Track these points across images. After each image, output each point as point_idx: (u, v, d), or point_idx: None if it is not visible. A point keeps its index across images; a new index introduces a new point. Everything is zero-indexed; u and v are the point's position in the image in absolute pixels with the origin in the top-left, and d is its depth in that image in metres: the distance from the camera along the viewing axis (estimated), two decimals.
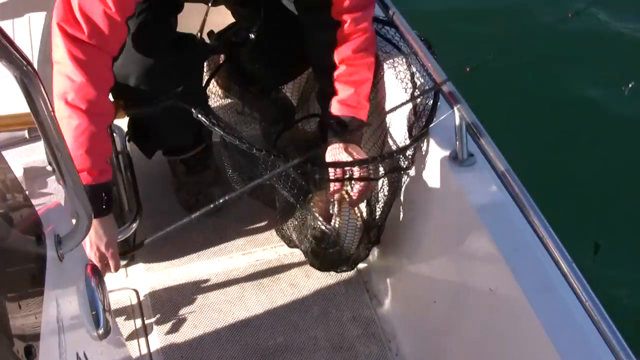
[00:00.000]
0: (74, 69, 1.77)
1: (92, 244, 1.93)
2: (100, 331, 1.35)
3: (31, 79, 0.97)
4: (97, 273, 1.44)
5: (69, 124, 1.80)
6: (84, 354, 1.26)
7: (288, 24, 2.25)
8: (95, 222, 1.84)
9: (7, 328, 0.91)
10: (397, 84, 2.14)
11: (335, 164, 2.00)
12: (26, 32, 2.25)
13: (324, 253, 2.21)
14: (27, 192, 1.22)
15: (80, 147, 1.82)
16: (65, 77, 1.79)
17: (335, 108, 2.05)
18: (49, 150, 1.09)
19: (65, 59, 1.77)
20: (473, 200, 1.79)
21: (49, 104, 1.02)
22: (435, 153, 1.96)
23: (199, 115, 1.91)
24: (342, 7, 1.99)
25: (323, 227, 2.15)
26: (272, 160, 1.89)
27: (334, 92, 2.07)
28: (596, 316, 1.42)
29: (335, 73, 2.06)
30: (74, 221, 1.27)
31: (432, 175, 1.98)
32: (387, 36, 2.25)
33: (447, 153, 1.92)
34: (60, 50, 1.78)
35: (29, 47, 2.22)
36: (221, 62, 2.45)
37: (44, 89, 1.00)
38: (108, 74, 1.86)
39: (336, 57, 2.05)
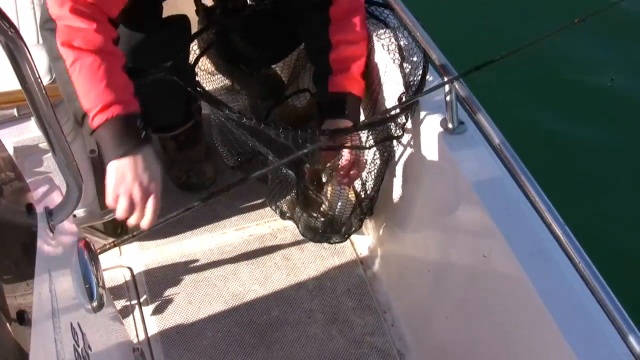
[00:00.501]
0: (76, 18, 1.69)
1: (134, 178, 1.69)
2: (94, 304, 1.35)
3: (17, 44, 0.96)
4: (90, 247, 1.43)
5: (82, 65, 1.68)
6: (78, 324, 1.26)
7: (277, 3, 2.24)
8: (134, 157, 1.69)
9: (1, 293, 0.91)
10: (385, 56, 2.13)
11: (330, 132, 1.99)
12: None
13: (315, 222, 2.21)
14: (17, 166, 1.21)
15: (100, 82, 1.68)
16: (67, 27, 1.69)
17: (331, 86, 2.05)
18: (37, 118, 1.08)
19: (65, 13, 1.69)
20: (464, 168, 1.79)
21: (35, 70, 1.01)
22: (426, 122, 1.95)
23: (188, 89, 1.89)
24: None
25: (314, 196, 2.14)
26: (263, 128, 1.87)
27: (329, 71, 2.06)
28: (590, 279, 1.42)
29: (330, 52, 2.05)
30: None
31: (423, 144, 1.97)
32: (375, 13, 2.23)
33: (437, 122, 1.91)
34: (58, 7, 1.69)
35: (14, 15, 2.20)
36: (211, 39, 2.44)
37: (30, 55, 0.99)
38: (110, 27, 1.77)
39: (330, 36, 2.05)
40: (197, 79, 2.28)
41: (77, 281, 1.35)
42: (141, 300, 2.25)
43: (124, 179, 1.68)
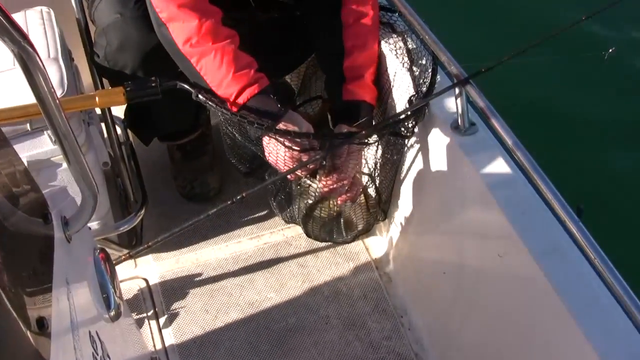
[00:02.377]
0: (182, 14, 1.83)
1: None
2: (112, 313, 1.36)
3: (30, 56, 0.97)
4: (107, 257, 1.44)
5: (206, 63, 1.86)
6: (97, 333, 1.26)
7: (284, 13, 2.26)
8: (282, 122, 1.89)
9: (21, 301, 0.91)
10: (395, 60, 2.13)
11: (341, 134, 1.99)
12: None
13: (319, 219, 2.21)
14: (32, 177, 1.22)
15: (228, 72, 1.86)
16: (180, 27, 1.85)
17: (345, 94, 2.06)
18: (52, 129, 1.09)
19: (172, 11, 1.84)
20: (477, 168, 1.79)
21: (48, 80, 1.02)
22: (437, 124, 1.95)
23: (200, 95, 1.90)
24: None
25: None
26: (275, 131, 1.88)
27: (343, 79, 2.07)
28: (607, 275, 1.42)
29: (343, 59, 2.07)
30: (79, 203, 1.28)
31: (435, 146, 1.98)
32: (383, 19, 2.24)
33: (448, 123, 1.91)
34: (165, 8, 1.85)
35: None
36: None
37: (44, 67, 1.00)
38: (213, 8, 1.89)
39: (344, 42, 2.07)
40: None
41: (95, 291, 1.36)
42: (157, 310, 2.25)
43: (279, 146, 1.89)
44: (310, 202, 2.14)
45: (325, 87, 2.28)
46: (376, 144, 2.07)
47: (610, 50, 1.79)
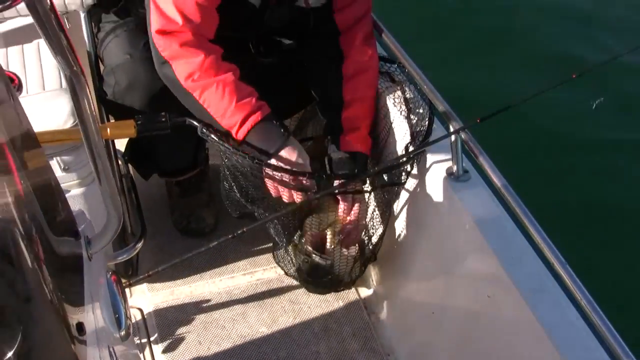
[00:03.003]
0: (184, 52, 1.92)
1: (295, 165, 1.98)
2: (122, 333, 1.42)
3: (79, 79, 1.05)
4: (119, 280, 1.51)
5: (209, 95, 1.92)
6: (114, 350, 1.32)
7: (285, 57, 2.35)
8: (285, 151, 1.97)
9: (64, 310, 0.98)
10: (393, 108, 2.23)
11: (335, 176, 2.07)
12: None
13: (318, 281, 2.29)
14: (63, 194, 1.29)
15: (230, 102, 1.93)
16: (182, 63, 1.93)
17: (342, 145, 2.14)
18: (88, 149, 1.17)
19: (174, 50, 1.92)
20: (469, 212, 1.87)
21: (92, 103, 1.10)
22: (431, 170, 2.04)
23: (204, 130, 1.98)
24: (350, 39, 2.14)
25: (318, 260, 2.21)
26: (276, 168, 1.95)
27: (341, 129, 2.16)
28: (593, 316, 1.49)
29: (343, 109, 2.16)
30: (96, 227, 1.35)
31: (429, 190, 2.06)
32: (382, 69, 2.33)
33: (443, 169, 2.00)
34: (167, 47, 1.93)
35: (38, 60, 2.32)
36: None
37: (89, 90, 1.08)
38: (214, 46, 1.98)
39: (342, 95, 2.16)
40: None
41: (107, 310, 1.42)
42: (152, 340, 2.30)
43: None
44: (309, 266, 2.22)
45: (325, 133, 2.35)
46: (373, 191, 2.16)
47: (599, 101, 1.89)
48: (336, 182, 2.06)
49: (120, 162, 2.49)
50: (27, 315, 0.86)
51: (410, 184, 2.16)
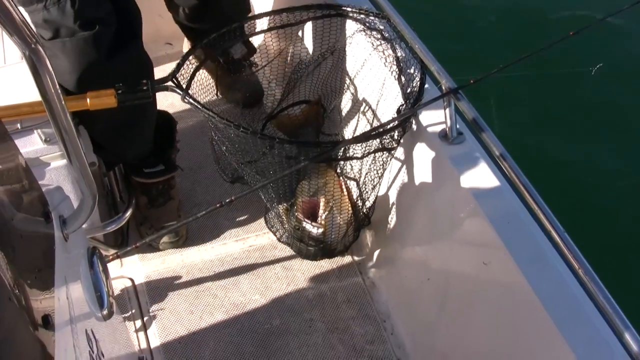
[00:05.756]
0: None
1: None
2: (105, 312, 1.37)
3: (39, 57, 0.99)
4: (100, 257, 1.46)
5: None
6: (92, 331, 1.28)
7: None
8: None
9: (27, 299, 0.93)
10: (383, 68, 2.17)
11: (321, 143, 2.02)
12: None
13: (311, 249, 2.26)
14: (33, 175, 1.23)
15: None
16: None
17: None
18: (56, 129, 1.11)
19: None
20: (464, 177, 1.82)
21: (55, 82, 1.04)
22: (424, 133, 1.99)
23: (187, 99, 1.92)
24: None
25: (309, 228, 2.18)
26: (260, 137, 1.89)
27: None
28: (590, 284, 1.46)
29: None
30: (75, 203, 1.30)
31: (422, 154, 2.01)
32: (372, 25, 2.26)
33: (436, 132, 1.95)
34: None
35: None
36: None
37: (51, 67, 1.02)
38: None
39: None
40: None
41: (88, 289, 1.37)
42: (143, 310, 2.26)
43: None
44: (302, 235, 2.19)
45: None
46: (364, 157, 2.10)
47: (598, 66, 1.83)
48: None
49: None
50: None
51: (404, 146, 2.10)
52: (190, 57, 2.15)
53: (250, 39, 2.52)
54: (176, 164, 2.45)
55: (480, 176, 1.82)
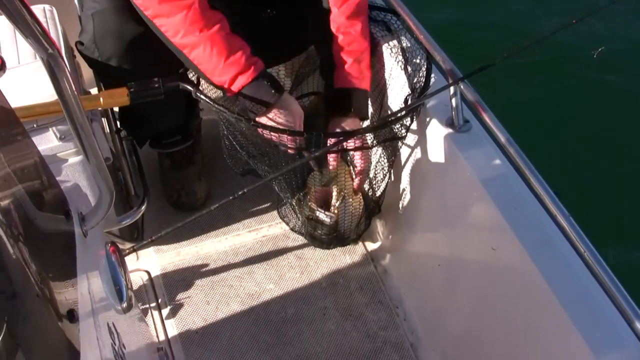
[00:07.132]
0: (168, 8, 1.84)
1: (285, 122, 1.97)
2: (124, 305, 1.41)
3: (57, 62, 1.03)
4: (118, 251, 1.50)
5: (197, 54, 1.88)
6: (113, 324, 1.32)
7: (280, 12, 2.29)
8: (279, 106, 1.95)
9: (52, 295, 0.97)
10: (389, 59, 2.19)
11: (331, 135, 2.04)
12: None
13: (325, 237, 2.29)
14: (52, 174, 1.28)
15: (219, 60, 1.88)
16: (165, 21, 1.86)
17: (337, 81, 2.09)
18: (73, 129, 1.15)
19: (155, 7, 1.85)
20: (471, 164, 1.85)
21: (72, 85, 1.08)
22: (431, 122, 2.01)
23: (198, 94, 1.95)
24: None
25: (322, 217, 2.21)
26: (271, 130, 1.93)
27: (333, 64, 2.10)
28: (595, 267, 1.48)
29: (333, 43, 2.08)
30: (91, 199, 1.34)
31: (430, 143, 2.04)
32: (378, 18, 2.29)
33: (443, 121, 1.97)
34: (148, 5, 1.86)
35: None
36: None
37: (69, 71, 1.06)
38: None
39: (331, 25, 2.08)
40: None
41: (107, 283, 1.42)
42: (160, 302, 2.31)
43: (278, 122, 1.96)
44: (314, 224, 2.23)
45: (321, 74, 2.28)
46: (373, 147, 2.13)
47: (600, 50, 1.85)
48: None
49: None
50: (12, 305, 0.86)
51: (412, 136, 2.13)
52: None
53: None
54: (192, 134, 2.53)
55: (487, 163, 1.85)
